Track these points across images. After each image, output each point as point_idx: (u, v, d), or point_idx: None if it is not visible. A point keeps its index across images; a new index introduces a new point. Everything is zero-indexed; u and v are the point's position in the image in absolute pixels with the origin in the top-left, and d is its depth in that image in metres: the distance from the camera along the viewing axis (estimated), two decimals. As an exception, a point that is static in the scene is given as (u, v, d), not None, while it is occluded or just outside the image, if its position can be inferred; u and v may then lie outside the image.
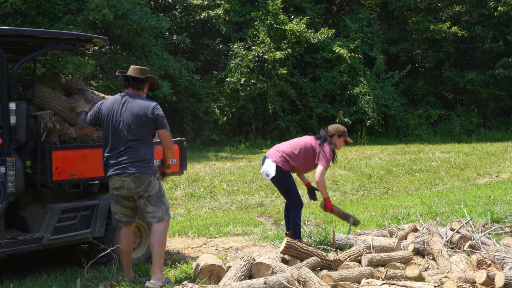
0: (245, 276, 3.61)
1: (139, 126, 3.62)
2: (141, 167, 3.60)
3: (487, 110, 16.93)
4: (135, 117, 3.62)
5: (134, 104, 3.65)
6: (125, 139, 3.61)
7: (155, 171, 3.67)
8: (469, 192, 7.35)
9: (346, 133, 4.89)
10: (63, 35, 4.27)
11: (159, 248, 3.62)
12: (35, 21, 11.35)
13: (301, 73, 15.98)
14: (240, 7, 15.94)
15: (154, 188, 3.64)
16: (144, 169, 3.60)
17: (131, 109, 3.63)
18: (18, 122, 3.83)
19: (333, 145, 4.71)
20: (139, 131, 3.62)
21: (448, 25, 16.91)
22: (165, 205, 3.68)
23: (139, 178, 3.60)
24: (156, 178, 3.65)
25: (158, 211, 3.64)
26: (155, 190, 3.63)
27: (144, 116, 3.62)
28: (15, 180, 3.75)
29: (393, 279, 3.52)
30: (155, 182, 3.64)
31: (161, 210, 3.64)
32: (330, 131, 4.82)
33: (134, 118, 3.63)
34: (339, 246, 4.47)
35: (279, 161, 4.55)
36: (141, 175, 3.60)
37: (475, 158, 10.84)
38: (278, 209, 6.66)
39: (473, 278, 3.49)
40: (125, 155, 3.61)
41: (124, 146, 3.62)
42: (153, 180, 3.63)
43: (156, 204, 3.64)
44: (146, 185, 3.61)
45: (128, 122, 3.62)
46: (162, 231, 3.64)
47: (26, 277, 3.93)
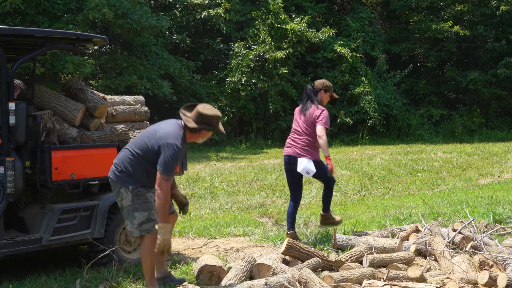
0: (246, 277, 3.60)
1: (148, 145, 3.37)
2: (116, 174, 3.43)
3: (490, 110, 16.89)
4: (149, 134, 3.45)
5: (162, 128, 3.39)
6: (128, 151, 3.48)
7: (128, 184, 3.39)
8: (471, 193, 7.32)
9: (332, 87, 5.01)
10: (62, 35, 4.25)
11: (142, 264, 3.47)
12: (34, 20, 11.34)
13: (302, 73, 15.95)
14: (240, 6, 15.92)
15: (125, 200, 3.42)
16: (117, 177, 3.43)
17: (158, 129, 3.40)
18: (18, 122, 3.81)
19: (319, 101, 4.84)
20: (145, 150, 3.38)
21: (450, 24, 16.87)
22: (136, 219, 3.39)
23: (112, 183, 3.48)
24: (128, 191, 3.39)
25: (128, 225, 3.46)
26: (126, 203, 3.42)
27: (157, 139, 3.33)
28: (14, 181, 3.74)
29: (395, 280, 3.50)
30: (126, 194, 3.40)
31: (131, 224, 3.43)
32: (316, 86, 4.93)
33: (147, 133, 3.47)
34: (340, 246, 4.45)
35: (309, 155, 4.71)
36: (113, 182, 3.46)
37: (477, 158, 10.80)
38: (279, 209, 6.64)
39: (475, 279, 3.47)
40: (115, 161, 3.51)
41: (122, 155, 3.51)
42: (124, 192, 3.41)
43: (127, 217, 3.44)
44: (117, 194, 3.46)
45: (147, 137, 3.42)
46: (142, 248, 3.46)
47: (25, 278, 3.92)
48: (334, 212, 6.32)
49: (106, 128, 4.37)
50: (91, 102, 4.29)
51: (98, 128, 4.34)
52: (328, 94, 4.96)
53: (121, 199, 3.44)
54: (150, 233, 3.43)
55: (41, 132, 3.90)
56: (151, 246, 3.40)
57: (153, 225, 3.42)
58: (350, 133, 15.72)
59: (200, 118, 3.41)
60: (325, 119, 4.73)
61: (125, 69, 12.88)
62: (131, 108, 4.70)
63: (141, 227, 3.43)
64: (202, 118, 3.41)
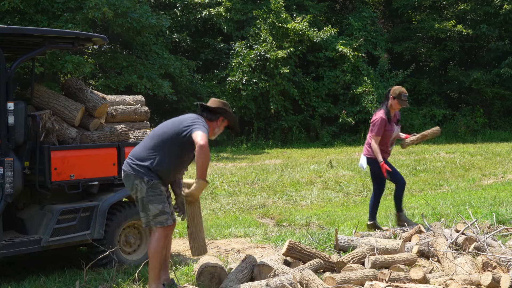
0: (247, 279, 3.58)
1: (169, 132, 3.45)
2: (132, 167, 3.45)
3: (493, 110, 16.83)
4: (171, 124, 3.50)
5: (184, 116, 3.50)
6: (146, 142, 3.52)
7: (144, 176, 3.41)
8: (474, 193, 7.28)
9: (403, 96, 5.09)
10: (62, 34, 4.21)
11: (150, 259, 3.45)
12: (33, 19, 11.33)
13: (303, 72, 15.92)
14: (241, 5, 15.89)
15: (140, 192, 3.45)
16: (133, 169, 3.44)
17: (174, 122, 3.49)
18: (16, 122, 3.79)
19: (387, 106, 5.10)
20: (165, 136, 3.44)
21: (453, 24, 16.81)
22: (151, 211, 3.44)
23: (127, 177, 3.48)
24: (144, 183, 3.41)
25: (144, 217, 3.48)
26: (140, 194, 3.45)
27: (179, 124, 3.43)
28: (13, 181, 3.72)
29: (397, 282, 3.49)
30: (141, 186, 3.43)
31: (146, 216, 3.46)
32: (390, 91, 5.14)
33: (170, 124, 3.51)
34: (342, 247, 4.42)
35: (366, 152, 5.17)
36: (128, 175, 3.47)
37: (480, 159, 10.76)
38: (280, 210, 6.61)
39: (478, 280, 3.45)
40: (133, 150, 3.54)
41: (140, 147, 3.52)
42: (138, 183, 3.43)
43: (142, 209, 3.48)
44: (131, 187, 3.48)
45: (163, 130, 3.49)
46: (154, 241, 3.46)
47: (24, 279, 3.90)
48: (336, 213, 6.30)
49: (106, 128, 4.35)
50: (91, 102, 4.27)
51: (97, 128, 4.32)
52: (396, 102, 5.10)
53: (136, 191, 3.45)
54: (163, 227, 3.46)
55: (40, 132, 3.88)
56: (162, 241, 3.45)
57: (167, 218, 3.48)
58: (352, 133, 15.68)
59: (214, 108, 3.57)
60: (376, 128, 5.05)
61: (125, 69, 12.86)
62: (131, 108, 4.68)
63: (156, 218, 3.47)
64: (216, 107, 3.58)
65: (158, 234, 3.47)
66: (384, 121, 5.04)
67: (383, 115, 5.05)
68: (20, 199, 3.99)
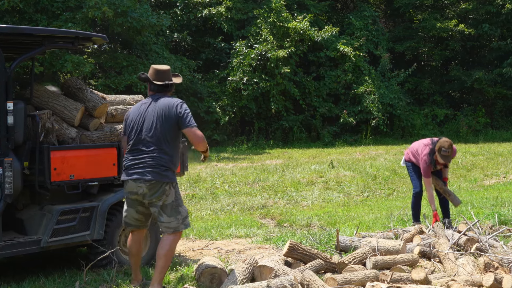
0: (248, 279, 3.57)
1: (162, 126, 3.42)
2: (158, 173, 3.40)
3: (495, 110, 16.79)
4: (158, 115, 3.46)
5: (159, 102, 3.47)
6: (147, 140, 3.43)
7: (173, 179, 3.44)
8: (476, 194, 7.27)
9: (442, 151, 5.00)
10: (61, 33, 4.19)
11: (164, 260, 3.43)
12: (33, 19, 11.31)
13: (304, 72, 15.89)
14: (242, 4, 15.87)
15: (170, 197, 3.44)
16: (160, 176, 3.40)
17: (156, 108, 3.46)
18: (16, 122, 3.77)
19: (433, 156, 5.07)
20: (162, 131, 3.42)
21: (455, 23, 16.77)
22: (181, 214, 3.47)
23: (154, 185, 3.42)
24: (172, 187, 3.44)
25: (173, 222, 3.44)
26: (170, 199, 3.43)
27: (169, 114, 3.42)
28: (12, 181, 3.70)
29: (399, 282, 3.48)
30: (170, 191, 3.43)
31: (176, 220, 3.44)
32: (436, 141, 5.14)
33: (157, 116, 3.44)
34: (343, 248, 4.41)
35: (405, 154, 5.43)
36: (157, 183, 3.41)
37: (482, 159, 10.73)
38: (281, 210, 6.60)
39: (480, 281, 3.44)
40: (145, 158, 3.42)
41: (145, 147, 3.43)
42: (168, 189, 3.42)
43: (171, 214, 3.44)
44: (160, 194, 3.43)
45: (151, 121, 3.44)
46: (171, 243, 3.45)
47: (24, 280, 3.88)
48: (337, 213, 6.27)
49: (105, 128, 4.33)
50: (91, 101, 4.25)
51: (97, 128, 4.30)
52: (437, 155, 5.07)
53: (166, 197, 3.43)
54: (186, 228, 3.52)
55: (40, 132, 3.86)
56: (176, 244, 3.52)
57: (189, 221, 3.58)
58: (353, 133, 15.66)
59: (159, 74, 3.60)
60: (423, 170, 5.11)
61: (125, 68, 12.84)
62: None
63: (185, 221, 3.51)
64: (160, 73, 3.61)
65: (177, 236, 3.48)
66: (429, 167, 5.08)
67: (428, 161, 5.03)
68: (19, 199, 3.97)
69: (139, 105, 3.61)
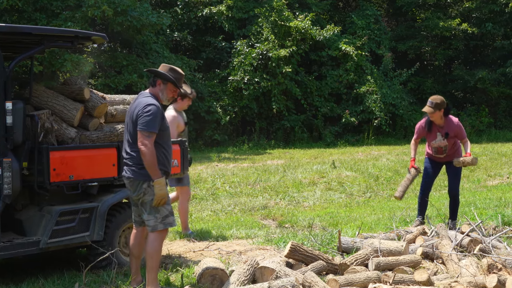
0: (249, 281, 3.55)
1: (133, 126, 3.49)
2: (135, 171, 3.45)
3: (498, 110, 16.72)
4: (130, 115, 3.52)
5: (135, 102, 3.54)
6: (126, 140, 3.54)
7: (150, 178, 3.42)
8: (479, 194, 7.22)
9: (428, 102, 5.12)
10: (61, 32, 4.17)
11: (150, 260, 3.45)
12: (32, 17, 11.30)
13: (306, 71, 15.85)
14: (243, 3, 15.83)
15: (148, 195, 3.44)
16: (137, 174, 3.45)
17: (131, 108, 3.54)
18: (15, 122, 3.76)
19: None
20: (134, 131, 3.48)
21: (458, 22, 16.70)
22: (160, 213, 3.45)
23: (132, 183, 3.49)
24: (151, 184, 3.42)
25: (151, 220, 3.46)
26: (149, 197, 3.44)
27: (135, 115, 3.44)
28: (11, 182, 3.68)
29: (401, 284, 3.47)
30: (149, 189, 3.43)
31: (154, 219, 3.45)
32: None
33: (129, 117, 3.53)
34: (345, 249, 4.37)
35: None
36: (134, 180, 3.47)
37: (485, 159, 10.68)
38: (283, 211, 6.57)
39: (483, 282, 3.42)
40: (126, 156, 3.53)
41: (126, 147, 3.52)
42: (146, 187, 3.43)
43: (150, 212, 3.46)
44: (139, 192, 3.47)
45: (127, 121, 3.55)
46: (153, 242, 3.46)
47: (23, 281, 3.86)
48: (339, 214, 6.23)
49: (105, 128, 4.30)
50: (90, 101, 4.22)
51: (97, 128, 4.27)
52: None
53: (143, 195, 3.44)
54: (166, 228, 3.50)
55: (39, 132, 3.84)
56: (161, 241, 3.51)
57: (173, 219, 3.52)
58: (355, 133, 15.60)
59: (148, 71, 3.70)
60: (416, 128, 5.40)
61: (125, 68, 12.82)
62: (131, 107, 4.60)
63: (165, 220, 3.48)
64: (148, 70, 3.75)
65: (159, 235, 3.48)
66: (421, 127, 5.21)
67: (423, 122, 5.21)
68: (18, 200, 3.95)
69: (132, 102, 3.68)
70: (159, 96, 3.54)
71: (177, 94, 3.64)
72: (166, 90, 3.56)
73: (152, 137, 3.38)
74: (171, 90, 3.57)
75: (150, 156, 3.35)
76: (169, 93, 3.57)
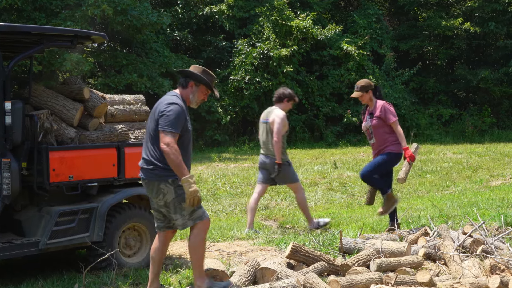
0: (250, 282, 3.53)
1: (152, 124, 3.36)
2: (149, 172, 3.34)
3: (501, 109, 16.66)
4: (152, 113, 3.42)
5: (159, 100, 3.40)
6: (145, 140, 3.43)
7: (167, 178, 3.29)
8: (482, 195, 7.19)
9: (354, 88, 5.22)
10: (60, 32, 4.15)
11: (193, 254, 3.39)
12: (31, 17, 11.29)
13: (307, 71, 15.81)
14: (244, 2, 15.80)
15: (169, 195, 3.32)
16: (150, 175, 3.34)
17: (154, 107, 3.40)
18: (14, 122, 3.74)
19: None
20: (152, 129, 3.35)
21: (460, 21, 16.65)
22: (186, 210, 3.33)
23: (147, 184, 3.38)
24: (168, 184, 3.30)
25: (178, 219, 3.35)
26: (170, 197, 3.32)
27: (157, 112, 3.33)
28: (10, 182, 3.68)
29: (403, 285, 3.45)
30: (167, 188, 3.31)
31: (181, 217, 3.34)
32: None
33: (151, 115, 3.41)
34: (347, 250, 4.35)
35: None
36: (149, 182, 3.36)
37: (488, 159, 10.64)
38: (284, 212, 6.54)
39: (486, 283, 3.41)
40: (143, 156, 3.42)
41: (145, 146, 3.42)
42: (164, 187, 3.31)
43: (175, 211, 3.34)
44: (156, 193, 3.35)
45: (148, 120, 3.46)
46: (193, 238, 3.37)
47: (22, 282, 3.84)
48: (340, 215, 6.20)
49: (105, 128, 4.28)
50: (90, 101, 4.20)
51: (97, 128, 4.25)
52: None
53: (163, 196, 3.32)
54: (202, 220, 3.37)
55: (38, 132, 3.82)
56: (204, 233, 3.39)
57: (203, 211, 3.40)
58: (357, 133, 15.56)
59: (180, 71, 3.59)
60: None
61: (125, 67, 12.79)
62: (131, 107, 4.60)
63: (193, 215, 3.36)
64: (181, 70, 3.60)
65: (198, 229, 3.36)
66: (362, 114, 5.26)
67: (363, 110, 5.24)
68: (17, 200, 3.93)
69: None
70: (189, 98, 3.44)
71: (207, 97, 3.55)
72: (198, 92, 3.45)
73: (175, 137, 3.25)
74: (203, 93, 3.48)
75: (174, 155, 3.21)
76: (201, 95, 3.49)
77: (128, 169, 4.14)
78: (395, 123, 5.00)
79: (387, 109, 5.00)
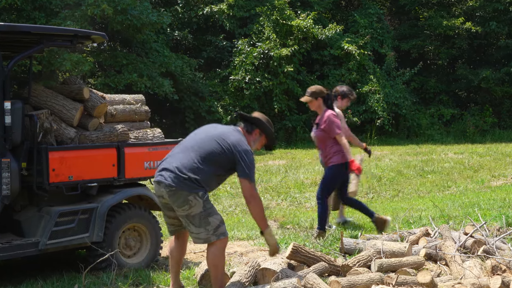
0: (250, 282, 3.52)
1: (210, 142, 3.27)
2: (181, 181, 3.17)
3: (502, 109, 16.63)
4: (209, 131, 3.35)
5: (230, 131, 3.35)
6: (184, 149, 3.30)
7: (198, 191, 3.19)
8: (483, 195, 7.17)
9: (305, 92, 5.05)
10: (60, 31, 4.14)
11: (213, 271, 3.31)
12: (31, 16, 11.28)
13: (308, 71, 15.79)
14: (244, 1, 15.79)
15: (196, 208, 3.20)
16: (182, 184, 3.16)
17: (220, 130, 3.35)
18: (14, 122, 3.73)
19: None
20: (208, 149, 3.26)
21: (462, 21, 16.62)
22: (211, 225, 3.23)
23: (174, 192, 3.19)
24: (198, 197, 3.18)
25: (202, 233, 3.23)
26: (197, 210, 3.20)
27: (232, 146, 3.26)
28: (10, 183, 3.67)
29: (404, 286, 3.44)
30: (196, 201, 3.19)
31: (205, 231, 3.22)
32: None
33: (214, 136, 3.31)
34: (347, 251, 4.33)
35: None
36: (177, 190, 3.18)
37: (489, 159, 10.62)
38: (284, 212, 6.53)
39: (487, 284, 3.39)
40: (174, 160, 3.24)
41: (181, 154, 3.26)
42: (193, 199, 3.18)
43: (200, 224, 3.21)
44: (182, 202, 3.20)
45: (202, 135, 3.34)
46: (214, 253, 3.28)
47: (21, 283, 3.83)
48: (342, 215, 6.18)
49: (105, 128, 4.27)
50: (90, 101, 4.19)
51: (97, 128, 4.24)
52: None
53: (189, 207, 3.20)
54: (225, 237, 3.34)
55: (38, 132, 3.81)
56: (223, 250, 3.36)
57: (225, 228, 3.36)
58: (357, 133, 15.49)
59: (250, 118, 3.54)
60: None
61: (125, 67, 12.77)
62: (131, 107, 4.59)
63: (217, 231, 3.28)
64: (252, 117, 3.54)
65: (219, 245, 3.29)
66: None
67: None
68: (17, 200, 3.92)
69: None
70: (251, 144, 3.41)
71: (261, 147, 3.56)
72: (260, 141, 3.48)
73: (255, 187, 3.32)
74: (261, 143, 3.51)
75: (259, 207, 3.31)
76: (259, 145, 3.51)
77: (128, 169, 4.13)
78: (339, 135, 4.86)
79: (332, 121, 4.84)
